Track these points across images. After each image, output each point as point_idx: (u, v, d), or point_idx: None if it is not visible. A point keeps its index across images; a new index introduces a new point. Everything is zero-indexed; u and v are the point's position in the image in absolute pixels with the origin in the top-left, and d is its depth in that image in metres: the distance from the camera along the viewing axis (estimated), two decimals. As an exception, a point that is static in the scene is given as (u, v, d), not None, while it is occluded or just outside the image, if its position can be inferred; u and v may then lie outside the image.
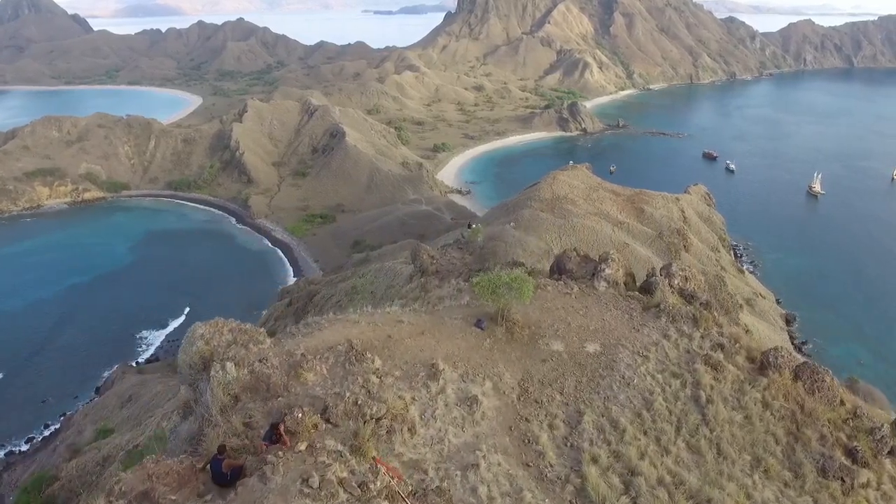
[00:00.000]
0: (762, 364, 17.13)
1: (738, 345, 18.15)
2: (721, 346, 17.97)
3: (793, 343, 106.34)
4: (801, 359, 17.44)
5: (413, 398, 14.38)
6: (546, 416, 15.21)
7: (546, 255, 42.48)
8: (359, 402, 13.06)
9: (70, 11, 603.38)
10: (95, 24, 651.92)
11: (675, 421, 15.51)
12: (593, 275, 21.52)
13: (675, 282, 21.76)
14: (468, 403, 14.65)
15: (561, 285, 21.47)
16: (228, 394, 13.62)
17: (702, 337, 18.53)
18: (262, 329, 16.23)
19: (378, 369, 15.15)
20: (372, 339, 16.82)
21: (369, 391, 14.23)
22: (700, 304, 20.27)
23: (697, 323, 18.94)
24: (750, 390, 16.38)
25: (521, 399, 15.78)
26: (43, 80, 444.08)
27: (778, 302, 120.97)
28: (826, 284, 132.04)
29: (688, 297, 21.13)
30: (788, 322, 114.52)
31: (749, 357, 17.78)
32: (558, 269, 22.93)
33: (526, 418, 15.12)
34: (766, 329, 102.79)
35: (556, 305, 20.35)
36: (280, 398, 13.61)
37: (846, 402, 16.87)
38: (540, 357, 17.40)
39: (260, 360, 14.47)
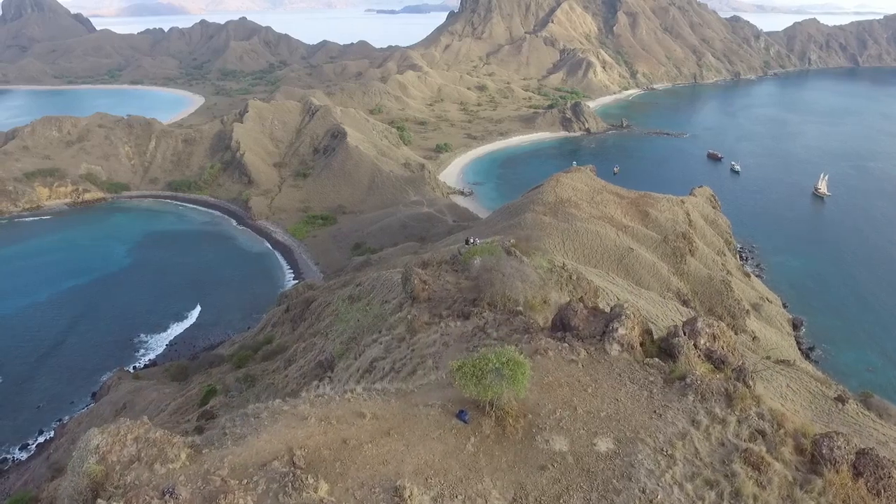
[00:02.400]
0: (813, 457, 14.20)
1: (782, 430, 14.95)
2: (762, 434, 14.74)
3: (800, 349, 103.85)
4: (857, 444, 14.46)
5: (366, 548, 11.31)
6: (545, 558, 12.13)
7: (549, 274, 40.02)
8: (282, 578, 10.17)
9: (73, 11, 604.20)
10: (98, 24, 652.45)
11: (712, 555, 12.37)
12: (603, 333, 18.52)
13: (702, 341, 18.47)
14: (441, 549, 11.61)
15: (565, 348, 18.06)
16: (116, 547, 10.70)
17: (738, 421, 15.13)
18: (176, 438, 12.93)
19: (322, 501, 11.68)
20: (321, 447, 13.42)
21: (307, 540, 11.22)
22: (733, 370, 17.17)
23: (732, 401, 15.81)
24: (802, 497, 13.29)
25: (513, 532, 12.63)
26: (45, 79, 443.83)
27: (785, 306, 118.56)
28: (833, 288, 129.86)
29: (717, 362, 17.97)
30: (795, 327, 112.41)
31: (797, 446, 14.60)
32: (561, 325, 19.82)
33: (518, 565, 12.07)
34: (773, 335, 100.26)
35: (559, 379, 16.70)
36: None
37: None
38: (538, 462, 13.70)
39: (163, 495, 10.94)
